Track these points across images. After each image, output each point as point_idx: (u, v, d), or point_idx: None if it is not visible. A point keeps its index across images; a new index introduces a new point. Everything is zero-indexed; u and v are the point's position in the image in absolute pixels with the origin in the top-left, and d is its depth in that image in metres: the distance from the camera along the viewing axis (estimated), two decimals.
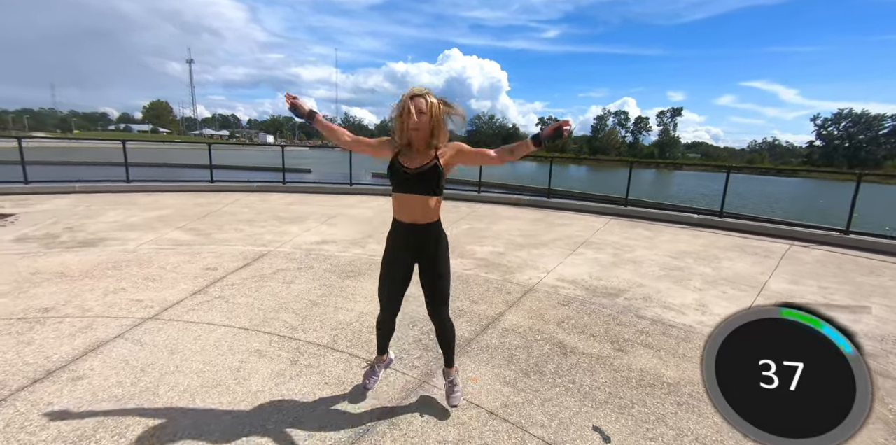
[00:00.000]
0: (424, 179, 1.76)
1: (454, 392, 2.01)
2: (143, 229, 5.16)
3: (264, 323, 2.82)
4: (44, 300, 3.06)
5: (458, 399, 2.01)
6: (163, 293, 3.26)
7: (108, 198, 7.08)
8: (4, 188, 7.10)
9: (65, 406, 1.94)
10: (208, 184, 8.42)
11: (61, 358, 2.32)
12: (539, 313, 3.19)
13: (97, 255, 4.11)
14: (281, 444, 1.75)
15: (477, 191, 8.92)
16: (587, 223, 6.70)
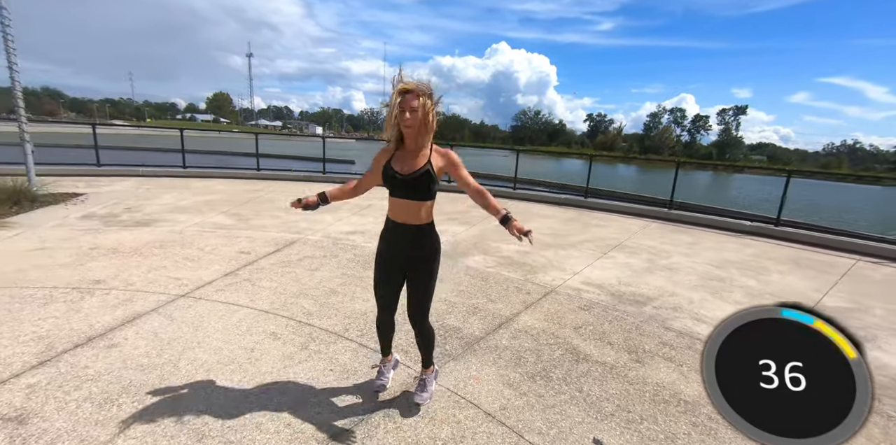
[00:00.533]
0: (417, 185, 1.75)
1: (423, 391, 2.01)
2: (191, 212, 5.54)
3: (283, 308, 2.94)
4: (97, 273, 3.37)
5: (424, 399, 2.00)
6: (198, 272, 3.49)
7: (166, 182, 7.66)
8: (80, 170, 7.87)
9: (98, 370, 2.13)
10: (255, 172, 8.87)
11: (102, 326, 2.55)
12: (556, 316, 3.09)
13: (148, 234, 4.46)
14: (279, 424, 1.82)
15: (512, 188, 8.77)
16: (624, 225, 6.39)
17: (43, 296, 2.90)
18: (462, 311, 3.07)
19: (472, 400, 2.06)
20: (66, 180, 7.11)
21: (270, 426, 1.81)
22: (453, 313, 3.02)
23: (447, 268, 3.96)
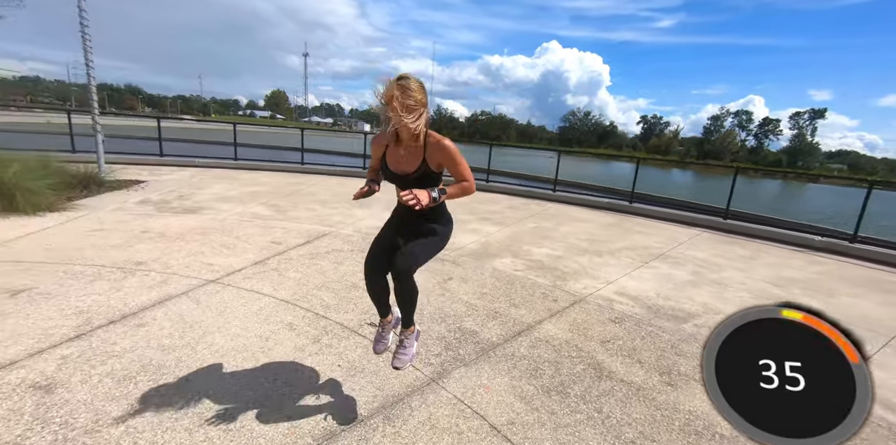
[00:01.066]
0: (421, 184, 1.72)
1: (401, 352, 1.92)
2: (235, 202, 5.81)
3: (304, 299, 2.96)
4: (142, 255, 3.58)
5: (404, 362, 1.90)
6: (231, 259, 3.62)
7: (218, 173, 8.12)
8: (145, 159, 8.54)
9: (124, 347, 2.23)
10: (299, 166, 9.20)
11: (136, 305, 2.69)
12: (583, 327, 2.89)
13: (193, 221, 4.71)
14: (279, 417, 1.80)
15: (552, 190, 8.46)
16: (670, 234, 5.95)
17: (92, 274, 3.12)
18: (482, 315, 2.95)
19: (479, 411, 1.95)
20: (132, 168, 7.73)
21: (270, 417, 1.80)
22: (472, 316, 2.91)
23: (472, 269, 3.85)
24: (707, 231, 6.31)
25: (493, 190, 8.80)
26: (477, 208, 6.74)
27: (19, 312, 2.50)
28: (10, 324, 2.36)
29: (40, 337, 2.26)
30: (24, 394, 1.83)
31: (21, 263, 3.22)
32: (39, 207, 4.54)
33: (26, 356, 2.10)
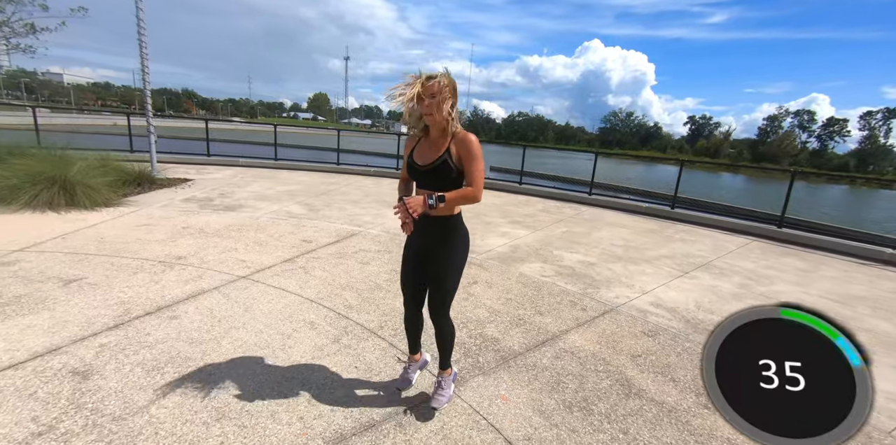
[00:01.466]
0: (436, 176, 1.65)
1: (438, 394, 1.91)
2: (272, 200, 6.02)
3: (327, 298, 2.99)
4: (181, 249, 3.77)
5: (440, 403, 1.89)
6: (262, 257, 3.73)
7: (258, 173, 8.47)
8: (193, 159, 9.06)
9: (156, 338, 2.33)
10: (335, 166, 9.43)
11: (171, 298, 2.82)
12: (612, 339, 2.72)
13: (231, 218, 4.92)
14: (291, 416, 1.81)
15: (588, 193, 8.17)
16: (716, 242, 5.56)
17: (135, 266, 3.31)
18: (505, 322, 2.85)
19: (494, 423, 1.87)
20: (182, 167, 8.22)
21: (284, 416, 1.80)
22: (495, 323, 2.83)
23: (498, 274, 3.76)
24: (758, 240, 5.85)
25: (526, 192, 8.62)
26: (509, 211, 6.61)
27: (69, 300, 2.68)
28: (60, 312, 2.53)
29: (84, 325, 2.41)
30: (63, 379, 1.94)
31: (76, 254, 3.47)
32: (97, 203, 4.89)
33: (70, 342, 2.23)
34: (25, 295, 2.70)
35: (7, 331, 2.29)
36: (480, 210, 6.44)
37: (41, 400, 1.80)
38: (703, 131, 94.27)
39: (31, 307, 2.56)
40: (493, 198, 7.77)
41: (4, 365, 2.01)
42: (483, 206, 6.77)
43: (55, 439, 1.60)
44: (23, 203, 4.47)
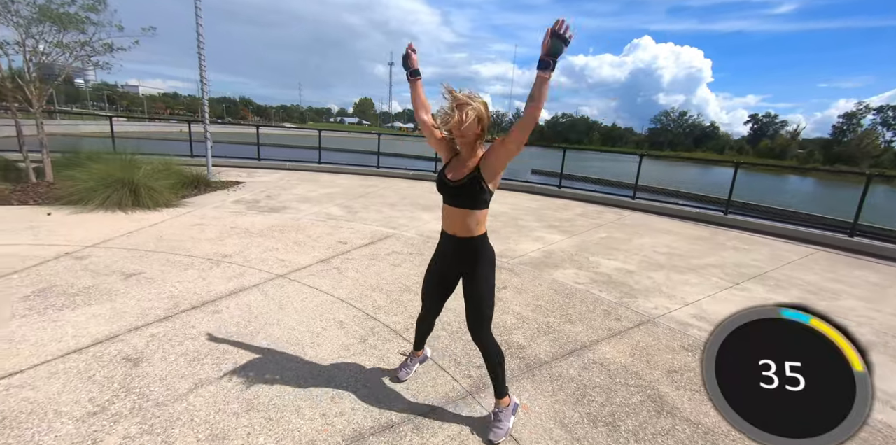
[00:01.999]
0: (465, 192, 1.65)
1: (495, 426, 1.79)
2: (312, 202, 6.29)
3: (358, 299, 3.07)
4: (228, 248, 4.02)
5: (499, 436, 1.76)
6: (300, 256, 3.90)
7: (303, 175, 8.88)
8: (245, 162, 9.65)
9: (199, 330, 2.51)
10: (374, 169, 9.69)
11: (215, 294, 3.01)
12: (647, 352, 2.58)
13: (275, 219, 5.19)
14: (314, 413, 1.87)
15: (631, 197, 7.83)
16: (775, 251, 5.13)
17: (186, 263, 3.57)
18: (532, 329, 2.79)
19: (513, 433, 1.83)
20: (234, 170, 8.79)
21: (307, 412, 1.87)
22: (522, 329, 2.77)
23: (530, 280, 3.68)
24: (825, 249, 5.34)
25: (565, 196, 8.41)
26: (545, 215, 6.47)
27: (128, 293, 2.94)
28: (119, 303, 2.79)
29: (139, 316, 2.63)
30: (117, 365, 2.14)
31: (138, 251, 3.80)
32: (159, 203, 5.34)
33: (125, 331, 2.45)
34: (93, 286, 3.00)
35: (76, 319, 2.55)
36: (515, 214, 6.36)
37: (98, 383, 1.99)
38: (766, 130, 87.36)
39: (98, 297, 2.84)
40: (530, 201, 7.64)
41: (71, 349, 2.25)
42: (518, 210, 6.68)
43: (106, 419, 1.76)
44: (97, 203, 4.97)
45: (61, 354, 2.19)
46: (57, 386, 1.94)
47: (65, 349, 2.23)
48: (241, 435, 1.71)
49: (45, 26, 5.49)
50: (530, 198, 8.10)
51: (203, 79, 6.79)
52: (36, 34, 5.53)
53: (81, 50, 5.90)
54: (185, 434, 1.71)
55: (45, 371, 2.04)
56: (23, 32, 5.45)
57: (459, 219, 1.70)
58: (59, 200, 5.10)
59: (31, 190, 5.54)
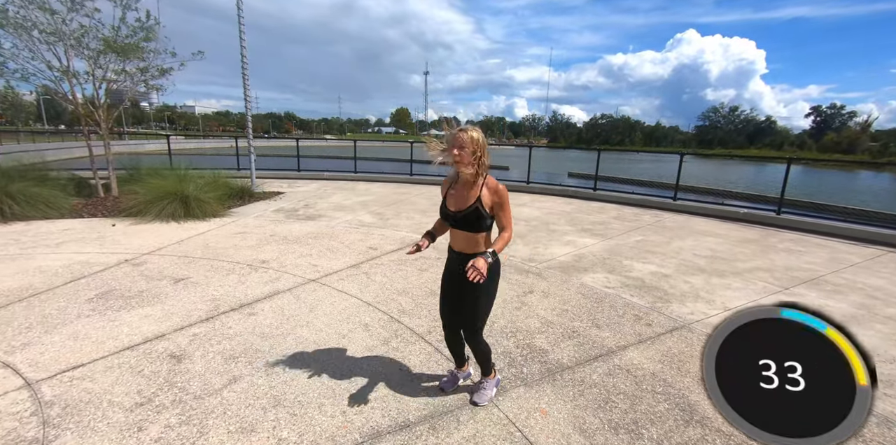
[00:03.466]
0: (467, 221, 1.79)
1: (479, 391, 2.06)
2: (347, 210, 6.52)
3: (383, 302, 3.15)
4: (266, 254, 4.27)
5: (482, 399, 2.02)
6: (332, 262, 4.06)
7: (340, 185, 9.22)
8: (287, 174, 10.17)
9: (236, 331, 2.68)
10: (408, 177, 9.89)
11: (252, 297, 3.21)
12: (678, 359, 2.46)
13: (311, 227, 5.43)
14: (335, 410, 1.94)
15: (672, 198, 7.48)
16: (834, 253, 4.72)
17: (228, 268, 3.83)
18: (557, 333, 2.74)
19: (529, 437, 1.81)
20: (276, 181, 9.29)
21: (329, 409, 1.95)
22: (546, 334, 2.73)
23: (557, 284, 3.62)
24: (895, 250, 4.84)
25: (600, 198, 8.17)
26: (578, 218, 6.33)
27: (176, 296, 3.20)
28: (168, 305, 3.04)
29: (184, 317, 2.86)
30: (163, 361, 2.33)
31: (187, 258, 4.12)
32: (207, 213, 5.76)
33: (172, 330, 2.67)
34: (146, 290, 3.28)
35: (130, 319, 2.80)
36: (547, 218, 6.26)
37: (146, 377, 2.18)
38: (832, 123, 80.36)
39: (150, 300, 3.11)
40: (564, 205, 7.50)
41: (125, 346, 2.48)
42: (551, 214, 6.57)
43: (151, 410, 1.93)
44: (154, 215, 5.44)
45: (117, 350, 2.42)
46: (111, 379, 2.15)
47: (120, 346, 2.47)
48: (267, 429, 1.82)
49: (110, 57, 6.14)
50: (564, 201, 7.94)
51: (247, 97, 7.28)
52: (103, 64, 6.20)
53: (141, 75, 6.53)
54: (218, 425, 1.83)
55: (102, 366, 2.26)
56: (92, 63, 6.12)
57: (463, 240, 1.85)
58: (122, 212, 5.63)
59: (100, 203, 6.15)
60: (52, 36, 5.82)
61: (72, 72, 6.09)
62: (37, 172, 6.47)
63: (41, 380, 2.11)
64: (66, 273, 3.57)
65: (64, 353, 2.36)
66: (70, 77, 6.10)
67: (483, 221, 1.77)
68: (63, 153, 16.83)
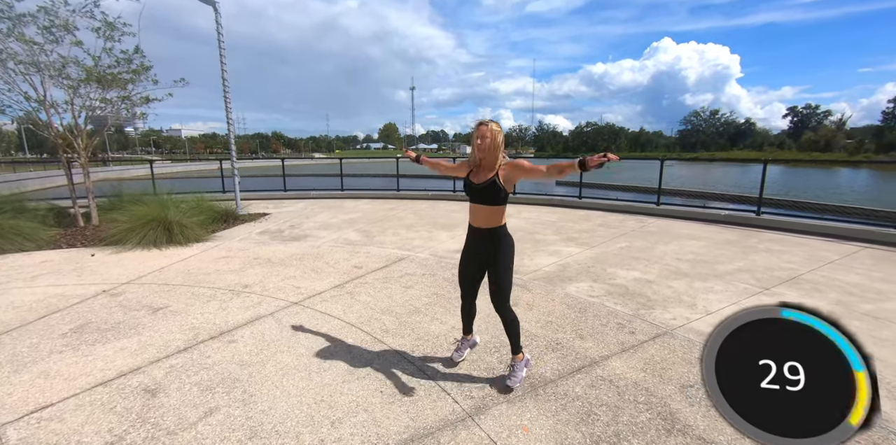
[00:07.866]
0: (486, 192, 2.13)
1: (512, 376, 2.27)
2: (333, 229, 6.50)
3: (367, 323, 3.12)
4: (249, 278, 4.21)
5: (514, 383, 2.24)
6: (315, 283, 4.02)
7: (326, 203, 9.20)
8: (272, 194, 10.13)
9: (214, 360, 2.62)
10: (395, 192, 9.91)
11: (232, 324, 3.15)
12: (661, 366, 2.46)
13: (295, 248, 5.39)
14: (314, 439, 1.90)
15: (655, 203, 7.59)
16: (812, 251, 4.80)
17: (209, 295, 3.77)
18: (541, 346, 2.73)
19: None
20: (262, 203, 9.24)
21: (307, 438, 1.90)
22: (529, 347, 2.71)
23: (542, 295, 3.62)
24: (871, 246, 4.94)
25: (586, 206, 8.26)
26: (564, 227, 6.37)
27: (154, 326, 3.13)
28: (146, 336, 2.97)
29: (161, 348, 2.79)
30: (137, 396, 2.26)
31: (167, 285, 4.05)
32: (190, 239, 5.69)
33: (148, 363, 2.60)
34: (123, 321, 3.21)
35: (105, 353, 2.73)
36: (532, 228, 6.30)
37: (118, 414, 2.11)
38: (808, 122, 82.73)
39: (126, 332, 3.04)
40: (549, 214, 7.55)
41: (98, 381, 2.41)
42: (536, 224, 6.61)
43: None
44: (135, 242, 5.36)
45: (89, 387, 2.35)
46: (81, 418, 2.08)
47: (92, 382, 2.40)
48: None
49: (92, 86, 6.14)
50: (549, 210, 8.01)
51: (229, 120, 7.31)
52: (83, 94, 6.19)
53: (122, 103, 6.53)
54: None
55: (72, 404, 2.19)
56: (71, 93, 6.11)
57: (483, 214, 2.17)
58: (102, 241, 5.54)
59: (79, 233, 6.06)
60: (31, 67, 5.81)
61: (49, 102, 6.07)
62: (14, 203, 6.37)
63: (7, 423, 2.04)
64: (40, 307, 3.48)
65: (33, 393, 2.29)
66: (47, 107, 6.08)
67: (499, 193, 2.10)
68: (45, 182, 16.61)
